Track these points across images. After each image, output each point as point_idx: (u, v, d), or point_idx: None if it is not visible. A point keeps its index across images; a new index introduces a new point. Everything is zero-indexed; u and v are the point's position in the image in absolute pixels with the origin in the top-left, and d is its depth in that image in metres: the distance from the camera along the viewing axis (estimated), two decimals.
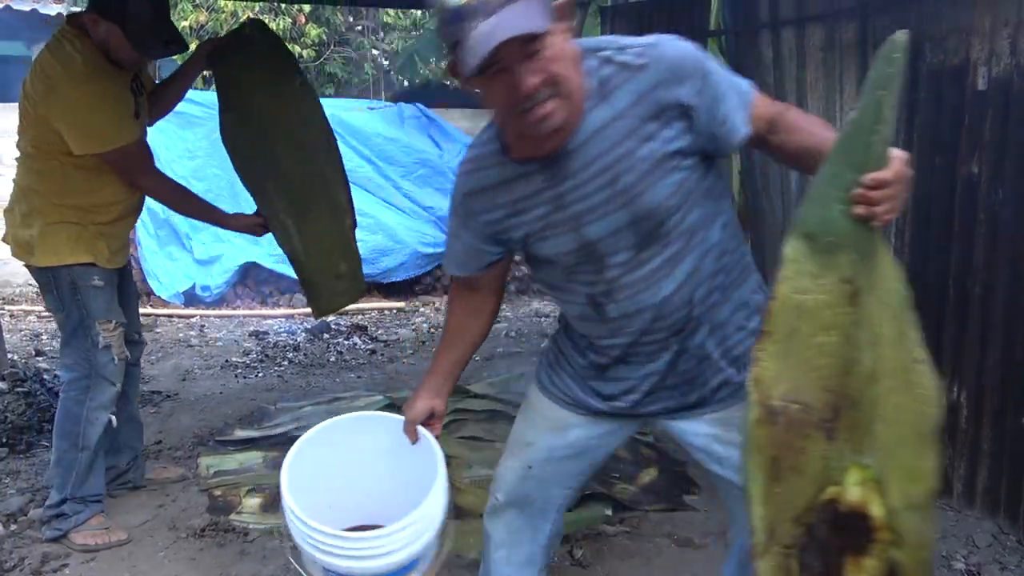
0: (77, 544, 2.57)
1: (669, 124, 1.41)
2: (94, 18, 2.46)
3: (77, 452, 2.57)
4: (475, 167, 1.56)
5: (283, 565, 2.47)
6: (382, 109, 8.02)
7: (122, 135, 2.46)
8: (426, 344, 5.60)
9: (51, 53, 2.48)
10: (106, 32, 2.46)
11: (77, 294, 2.53)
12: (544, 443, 1.77)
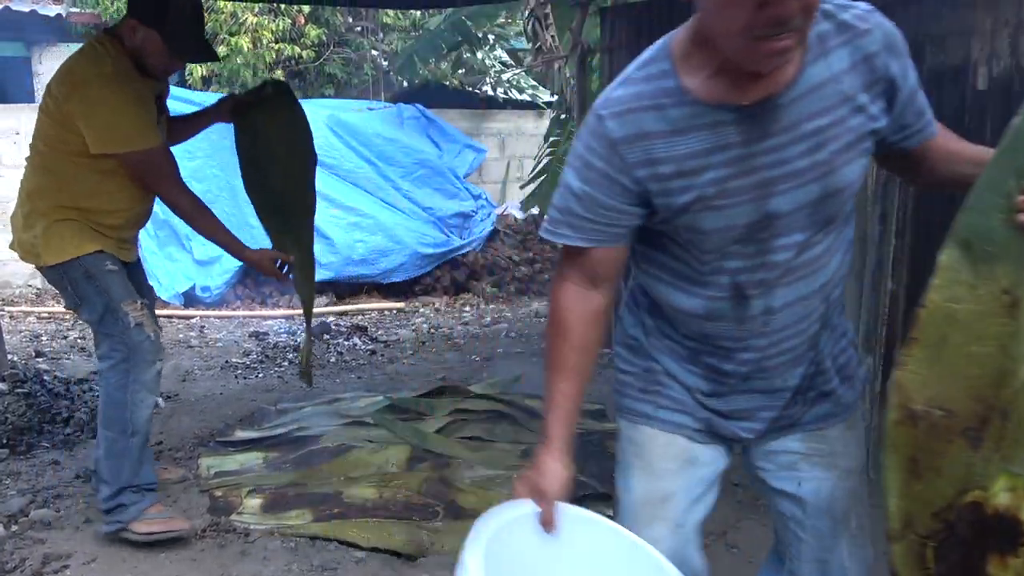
0: (140, 533, 2.53)
1: (876, 99, 1.25)
2: (132, 24, 2.48)
3: (127, 439, 2.54)
4: (635, 106, 1.23)
5: (284, 566, 2.47)
6: (381, 110, 8.03)
7: (146, 138, 2.47)
8: (426, 344, 5.60)
9: (82, 55, 2.51)
10: (143, 38, 2.48)
11: (94, 281, 2.51)
12: (682, 488, 1.45)
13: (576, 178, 1.28)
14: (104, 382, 2.56)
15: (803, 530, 1.54)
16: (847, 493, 1.52)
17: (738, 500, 2.90)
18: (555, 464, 1.34)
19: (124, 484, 2.54)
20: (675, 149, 1.22)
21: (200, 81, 7.74)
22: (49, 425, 3.72)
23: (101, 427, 2.57)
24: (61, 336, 5.73)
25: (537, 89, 9.74)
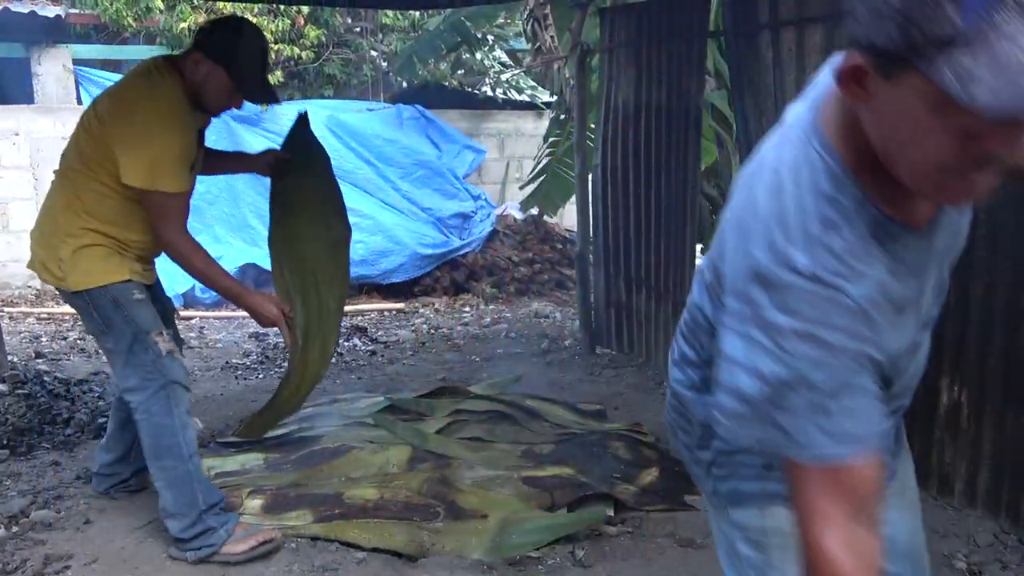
0: (239, 552, 2.46)
1: None
2: (197, 58, 2.46)
3: (186, 463, 2.48)
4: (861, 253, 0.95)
5: (285, 567, 2.47)
6: (381, 110, 8.03)
7: (174, 183, 2.41)
8: (426, 345, 5.61)
9: (136, 78, 2.47)
10: (207, 73, 2.46)
11: (122, 310, 2.45)
12: None
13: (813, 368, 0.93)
14: (145, 413, 2.47)
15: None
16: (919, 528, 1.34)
17: None
18: None
19: (202, 508, 2.47)
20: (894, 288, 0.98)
21: None
22: (49, 426, 3.72)
23: (154, 460, 2.48)
24: (61, 337, 5.73)
25: (536, 90, 9.74)
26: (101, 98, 2.51)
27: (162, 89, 2.42)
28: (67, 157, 2.54)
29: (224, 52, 2.47)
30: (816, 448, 0.94)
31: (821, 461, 0.94)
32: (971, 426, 2.78)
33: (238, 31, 2.53)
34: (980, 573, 2.43)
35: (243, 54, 2.49)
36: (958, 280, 2.76)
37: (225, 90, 2.51)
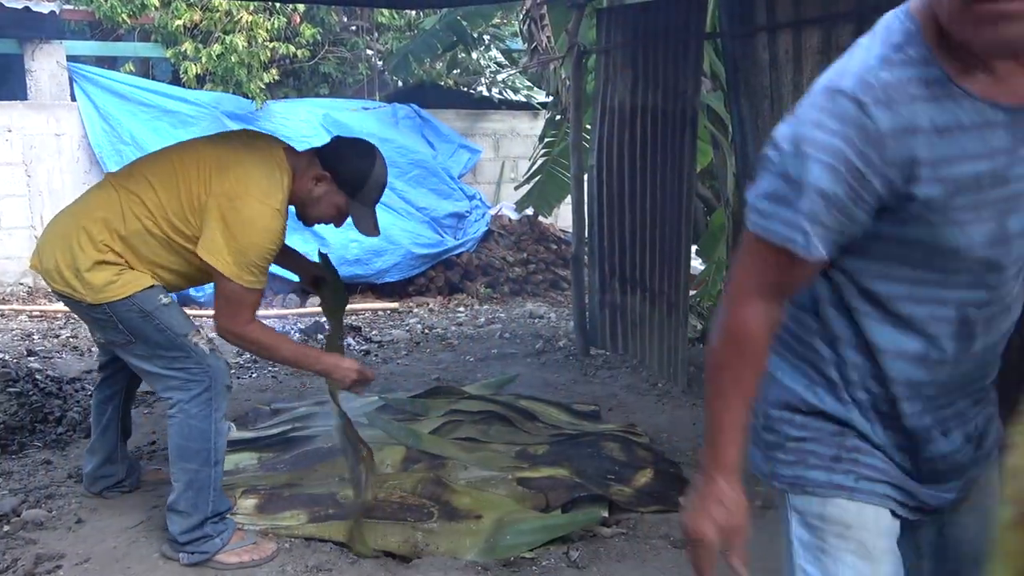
0: (231, 564, 2.44)
1: None
2: (321, 175, 2.42)
3: (211, 468, 2.44)
4: (901, 95, 1.02)
5: (278, 566, 2.46)
6: (376, 109, 8.02)
7: (258, 278, 2.34)
8: (420, 345, 5.59)
9: (261, 167, 2.34)
10: (326, 193, 2.43)
11: (151, 320, 2.37)
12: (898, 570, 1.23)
13: (812, 171, 1.04)
14: (182, 415, 2.41)
15: None
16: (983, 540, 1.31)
17: None
18: (740, 495, 1.21)
19: (208, 514, 2.44)
20: (937, 151, 1.03)
21: (195, 79, 7.71)
22: (41, 424, 3.70)
23: (180, 461, 2.43)
24: (53, 335, 5.70)
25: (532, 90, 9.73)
26: (214, 162, 2.37)
27: (278, 194, 2.33)
28: (134, 177, 2.41)
29: (354, 182, 2.44)
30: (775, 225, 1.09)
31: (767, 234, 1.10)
32: None
33: (372, 160, 2.48)
34: None
35: (371, 186, 2.47)
36: None
37: (337, 214, 2.49)
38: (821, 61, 3.40)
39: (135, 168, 2.48)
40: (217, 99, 7.36)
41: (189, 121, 7.14)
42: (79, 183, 7.34)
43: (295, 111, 7.60)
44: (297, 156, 2.47)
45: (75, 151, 7.30)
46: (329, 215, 2.51)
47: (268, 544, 2.54)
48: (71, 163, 7.29)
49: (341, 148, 2.49)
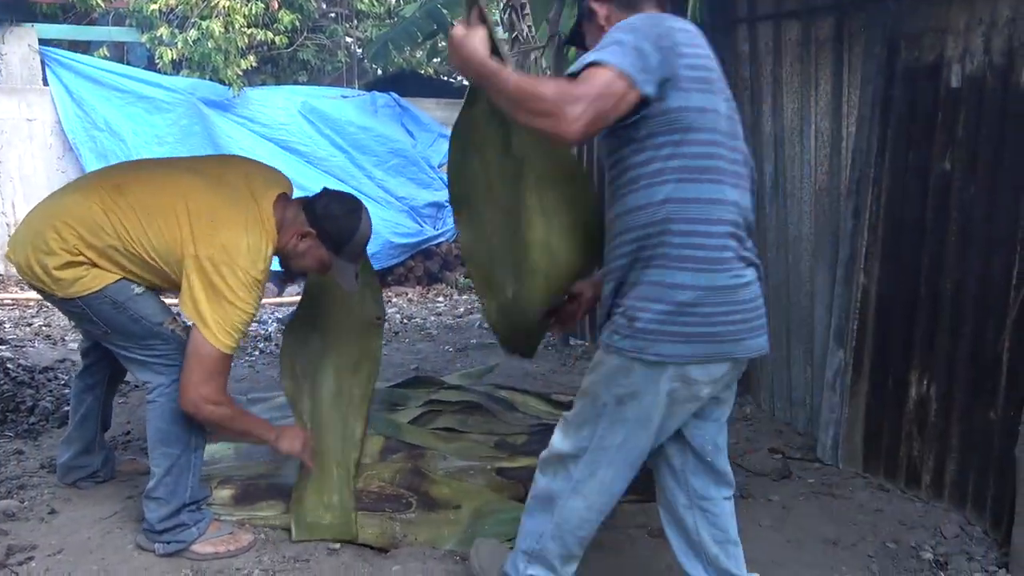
0: (206, 554, 2.42)
1: None
2: (306, 232, 2.40)
3: (191, 453, 2.43)
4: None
5: (255, 557, 2.45)
6: (355, 98, 7.96)
7: (232, 341, 2.30)
8: (399, 335, 5.57)
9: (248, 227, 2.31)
10: (310, 248, 2.43)
11: (125, 311, 2.34)
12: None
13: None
14: (164, 399, 2.39)
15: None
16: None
17: None
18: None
19: (185, 501, 2.42)
20: None
21: (170, 65, 7.61)
22: (12, 414, 3.65)
23: (160, 446, 2.41)
24: (25, 323, 5.62)
25: None
26: (203, 197, 2.34)
27: (261, 263, 2.31)
28: (124, 197, 2.33)
29: (339, 239, 2.43)
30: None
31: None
32: (939, 421, 2.82)
33: (357, 218, 2.46)
34: (946, 564, 2.46)
35: (355, 243, 2.46)
36: (929, 276, 2.81)
37: (320, 267, 2.49)
38: (801, 53, 3.41)
39: (124, 184, 2.40)
40: (193, 85, 7.27)
41: (164, 107, 7.05)
42: (52, 169, 7.22)
43: (273, 98, 7.52)
44: (285, 207, 2.45)
45: (47, 136, 7.18)
46: (312, 268, 2.52)
47: (245, 535, 2.52)
48: (43, 149, 7.18)
49: (329, 205, 2.46)
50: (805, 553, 2.54)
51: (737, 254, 1.77)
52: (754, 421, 3.73)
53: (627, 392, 1.81)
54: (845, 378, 3.14)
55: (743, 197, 1.81)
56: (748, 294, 1.79)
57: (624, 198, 1.80)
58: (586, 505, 1.93)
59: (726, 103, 1.82)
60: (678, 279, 1.73)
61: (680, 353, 1.76)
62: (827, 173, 3.37)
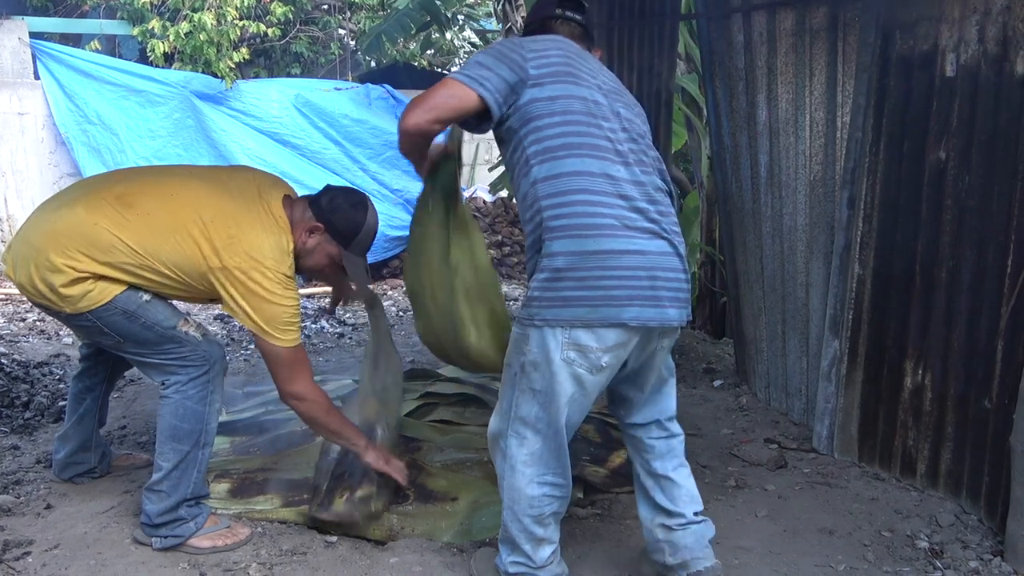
0: (204, 548, 2.42)
1: None
2: (313, 227, 2.40)
3: (199, 450, 2.43)
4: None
5: (252, 550, 2.44)
6: (349, 90, 7.92)
7: (290, 336, 2.34)
8: (395, 328, 5.56)
9: (266, 229, 2.33)
10: (319, 244, 2.43)
11: (136, 320, 2.33)
12: None
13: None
14: (179, 396, 2.39)
15: None
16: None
17: (706, 482, 2.93)
18: None
19: (186, 495, 2.42)
20: None
21: (162, 58, 7.56)
22: (8, 410, 3.64)
23: (171, 441, 2.41)
24: (19, 318, 5.60)
25: None
26: (216, 208, 2.33)
27: (287, 259, 2.34)
28: (133, 209, 2.31)
29: (348, 232, 2.44)
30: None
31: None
32: (934, 409, 2.83)
33: (364, 210, 2.48)
34: (942, 552, 2.47)
35: (363, 235, 2.47)
36: (924, 265, 2.81)
37: (330, 264, 2.49)
38: (795, 43, 3.40)
39: (129, 196, 2.36)
40: (186, 78, 7.23)
41: (157, 101, 7.01)
42: (44, 164, 7.19)
43: (266, 91, 7.48)
44: (292, 206, 2.46)
45: (39, 131, 7.14)
46: (322, 264, 2.52)
47: (242, 528, 2.52)
48: (35, 143, 7.14)
49: (334, 199, 2.47)
50: (801, 542, 2.55)
51: (628, 224, 1.94)
52: (750, 411, 3.74)
53: (528, 360, 1.99)
54: (840, 368, 3.14)
55: (636, 172, 1.99)
56: (635, 261, 1.93)
57: (517, 192, 2.06)
58: (525, 480, 2.05)
59: (598, 90, 2.03)
60: (554, 248, 1.94)
61: (560, 317, 1.94)
62: (822, 163, 3.37)
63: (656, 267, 1.95)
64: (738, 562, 2.42)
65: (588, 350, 1.94)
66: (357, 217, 2.47)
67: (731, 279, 4.05)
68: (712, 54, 3.86)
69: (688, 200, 5.49)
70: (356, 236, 2.47)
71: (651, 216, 1.97)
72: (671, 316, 1.99)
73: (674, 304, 1.99)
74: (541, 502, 2.06)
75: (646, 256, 1.94)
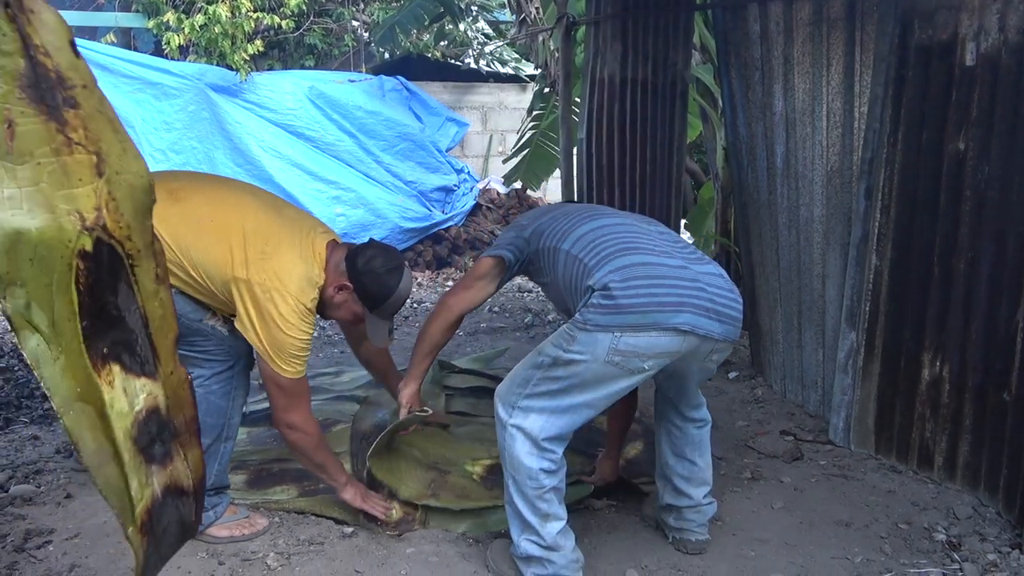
0: (222, 538, 2.44)
1: None
2: (344, 285, 2.36)
3: (221, 444, 2.44)
4: None
5: (269, 540, 2.46)
6: (363, 82, 7.93)
7: (293, 368, 2.30)
8: (409, 320, 5.58)
9: (301, 258, 2.31)
10: (346, 302, 2.39)
11: None
12: None
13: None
14: (203, 390, 2.36)
15: None
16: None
17: (721, 474, 2.92)
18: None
19: (207, 486, 2.43)
20: None
21: (177, 51, 7.59)
22: (28, 400, 3.68)
23: None
24: None
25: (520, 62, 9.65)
26: (258, 222, 2.32)
27: (312, 292, 2.30)
28: (182, 200, 2.30)
29: (376, 298, 2.39)
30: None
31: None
32: (952, 401, 2.81)
33: (398, 278, 2.41)
34: (959, 545, 2.46)
35: (392, 304, 2.42)
36: (942, 256, 2.79)
37: (353, 319, 2.47)
38: (812, 33, 3.38)
39: (180, 191, 2.35)
40: (201, 71, 7.25)
41: (172, 93, 7.04)
42: None
43: (280, 83, 7.50)
44: (334, 251, 2.42)
45: None
46: (345, 319, 2.50)
47: (260, 518, 2.54)
48: None
49: (371, 261, 2.40)
50: (817, 534, 2.54)
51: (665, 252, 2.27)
52: (766, 403, 3.73)
53: (566, 358, 2.10)
54: (857, 360, 3.13)
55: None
56: (679, 272, 2.13)
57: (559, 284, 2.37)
58: (524, 451, 2.13)
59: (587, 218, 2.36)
60: (599, 273, 2.15)
61: (612, 323, 2.06)
62: (839, 154, 3.34)
63: (700, 280, 2.12)
64: (754, 554, 2.42)
65: (634, 355, 2.05)
66: (390, 283, 2.40)
67: (746, 271, 4.03)
68: (728, 44, 3.83)
69: (703, 191, 5.47)
70: (384, 303, 2.42)
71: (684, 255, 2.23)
72: (720, 330, 2.12)
73: (724, 319, 2.12)
74: (539, 475, 2.13)
75: (689, 270, 2.14)
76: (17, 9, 1.27)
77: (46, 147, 1.32)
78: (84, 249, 1.37)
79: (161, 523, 1.60)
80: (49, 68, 1.33)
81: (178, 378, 1.62)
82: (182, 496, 1.68)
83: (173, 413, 1.62)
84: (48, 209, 1.32)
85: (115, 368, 1.45)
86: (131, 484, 1.49)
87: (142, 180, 1.48)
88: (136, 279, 1.49)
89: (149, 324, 1.53)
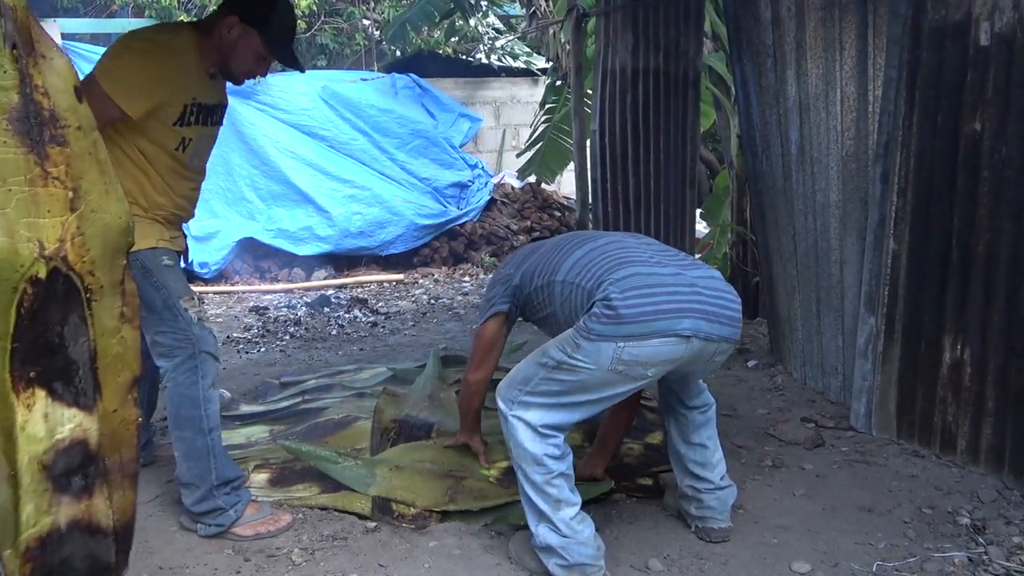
0: (247, 536, 2.47)
1: None
2: (231, 22, 2.43)
3: (206, 436, 2.46)
4: None
5: (293, 535, 2.49)
6: (375, 80, 7.96)
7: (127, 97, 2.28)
8: (426, 315, 5.61)
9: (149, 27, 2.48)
10: (239, 36, 2.45)
11: (151, 277, 2.40)
12: None
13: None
14: (171, 383, 2.44)
15: None
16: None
17: (742, 462, 2.92)
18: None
19: (214, 483, 2.46)
20: None
21: None
22: None
23: (175, 430, 2.47)
24: None
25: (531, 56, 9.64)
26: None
27: (178, 39, 2.39)
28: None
29: (260, 16, 2.45)
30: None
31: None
32: (974, 384, 2.79)
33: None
34: (984, 529, 2.45)
35: (278, 18, 2.48)
36: (960, 239, 2.76)
37: (256, 54, 2.50)
38: (824, 17, 3.35)
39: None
40: None
41: None
42: None
43: (293, 84, 7.54)
44: (210, 20, 2.50)
45: None
46: (250, 58, 2.52)
47: (283, 515, 2.57)
48: None
49: None
50: (840, 520, 2.53)
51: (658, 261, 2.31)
52: (786, 390, 3.71)
53: (569, 364, 2.12)
54: (877, 345, 3.11)
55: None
56: (675, 279, 2.17)
57: (557, 314, 2.45)
58: (528, 437, 2.17)
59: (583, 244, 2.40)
60: (601, 287, 2.19)
61: (616, 333, 2.08)
62: (854, 138, 3.32)
63: (697, 284, 2.17)
64: (777, 541, 2.42)
65: (637, 364, 2.08)
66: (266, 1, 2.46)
67: (763, 258, 4.01)
68: (739, 31, 3.81)
69: (718, 180, 5.45)
70: (271, 18, 2.45)
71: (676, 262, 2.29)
72: (722, 331, 2.15)
73: (725, 321, 2.16)
74: (544, 460, 2.16)
75: (684, 276, 2.18)
76: (24, 51, 1.35)
77: (21, 176, 1.40)
78: (36, 275, 1.44)
79: (58, 555, 1.58)
80: (44, 107, 1.41)
81: (122, 418, 1.63)
82: (96, 535, 1.65)
83: (106, 451, 1.62)
84: (7, 233, 1.40)
85: (40, 393, 1.48)
86: (24, 507, 1.49)
87: (119, 221, 1.56)
88: (92, 313, 1.54)
89: (98, 359, 1.57)
